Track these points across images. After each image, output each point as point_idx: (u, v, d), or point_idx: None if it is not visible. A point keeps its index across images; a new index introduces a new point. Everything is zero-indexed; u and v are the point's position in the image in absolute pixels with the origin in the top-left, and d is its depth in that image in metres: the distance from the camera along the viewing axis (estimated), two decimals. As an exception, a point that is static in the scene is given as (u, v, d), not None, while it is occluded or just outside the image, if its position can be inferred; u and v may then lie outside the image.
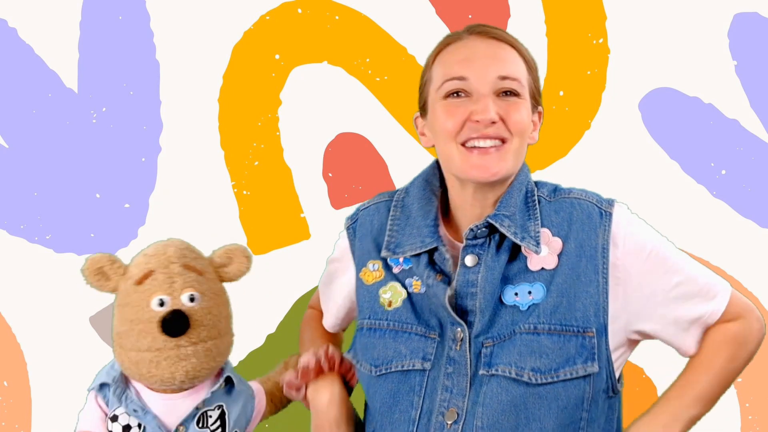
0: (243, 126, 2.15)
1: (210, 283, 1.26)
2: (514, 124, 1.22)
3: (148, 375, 1.22)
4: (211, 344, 1.23)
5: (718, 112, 2.11)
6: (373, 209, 1.36)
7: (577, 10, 2.13)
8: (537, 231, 1.23)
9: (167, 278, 1.22)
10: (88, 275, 1.25)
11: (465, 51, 1.25)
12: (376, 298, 1.29)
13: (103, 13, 2.11)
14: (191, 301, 1.22)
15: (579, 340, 1.20)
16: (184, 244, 1.29)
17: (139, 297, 1.22)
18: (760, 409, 2.10)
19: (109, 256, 1.26)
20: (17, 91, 2.10)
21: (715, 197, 2.11)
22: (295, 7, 2.14)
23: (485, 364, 1.20)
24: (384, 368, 1.26)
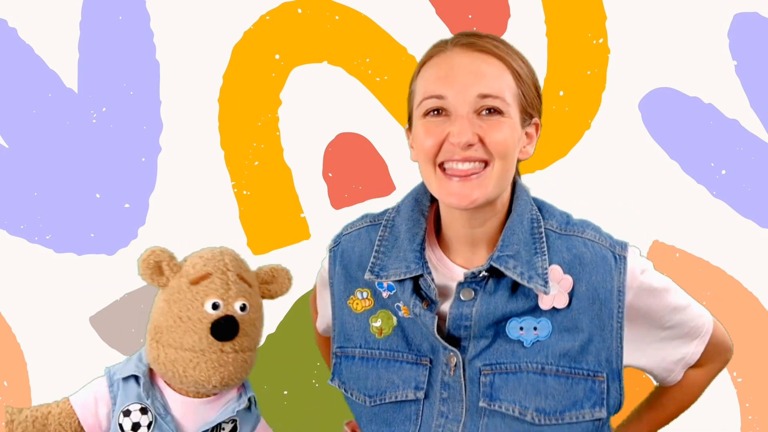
0: (243, 126, 2.15)
1: (256, 297, 1.29)
2: (493, 146, 1.14)
3: (183, 375, 1.22)
4: (248, 356, 1.26)
5: (718, 112, 2.11)
6: (355, 235, 1.32)
7: (577, 10, 2.13)
8: (545, 268, 1.17)
9: (224, 284, 1.24)
10: (144, 267, 1.25)
11: (446, 66, 1.18)
12: (367, 327, 1.27)
13: (103, 13, 2.11)
14: (242, 310, 1.24)
15: (588, 384, 1.17)
16: (236, 254, 1.31)
17: (193, 296, 1.23)
18: (760, 409, 2.10)
19: (169, 253, 1.27)
20: (17, 91, 2.10)
21: (715, 197, 2.11)
22: (295, 7, 2.14)
23: (486, 395, 1.18)
24: (378, 399, 1.25)
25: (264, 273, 1.33)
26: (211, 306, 1.22)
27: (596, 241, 1.21)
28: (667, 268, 2.11)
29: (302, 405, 2.09)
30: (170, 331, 1.23)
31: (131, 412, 1.24)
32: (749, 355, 2.10)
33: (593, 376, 1.17)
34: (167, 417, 1.23)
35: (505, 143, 1.15)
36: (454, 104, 1.15)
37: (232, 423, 1.27)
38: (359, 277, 1.28)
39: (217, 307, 1.22)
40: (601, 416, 1.18)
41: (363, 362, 1.27)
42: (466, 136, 1.13)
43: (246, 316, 1.25)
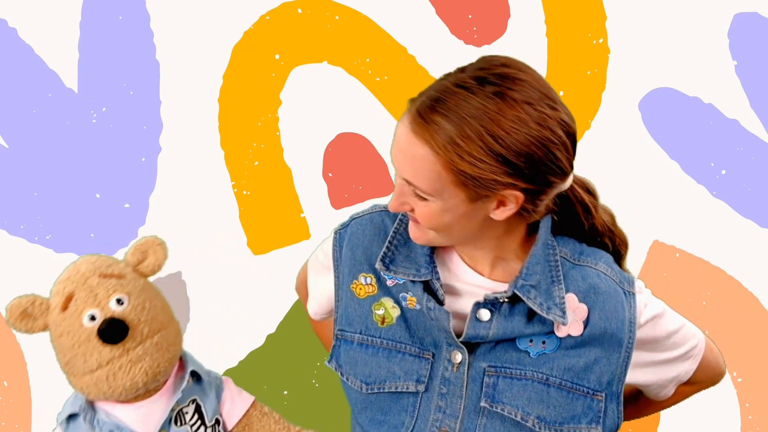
0: (243, 126, 2.15)
1: (133, 283, 1.25)
2: (418, 216, 1.14)
3: (110, 390, 1.21)
4: (158, 338, 1.22)
5: (718, 112, 2.11)
6: (367, 220, 1.31)
7: (577, 10, 2.13)
8: (562, 297, 1.18)
9: (89, 293, 1.22)
10: (14, 323, 1.24)
11: (396, 136, 1.13)
12: (369, 313, 1.26)
13: (103, 13, 2.11)
14: (120, 304, 1.21)
15: (587, 401, 1.20)
16: (94, 257, 1.28)
17: (70, 321, 1.21)
18: (760, 409, 2.10)
19: (28, 297, 1.25)
20: (17, 91, 2.10)
21: (715, 197, 2.11)
22: (295, 7, 2.14)
23: (488, 396, 1.19)
24: (376, 387, 1.24)
25: (131, 255, 1.29)
26: (89, 318, 1.20)
27: (608, 275, 1.24)
28: (667, 268, 2.12)
29: (302, 405, 2.09)
30: (74, 361, 1.21)
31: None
32: (749, 355, 2.10)
33: (592, 394, 1.20)
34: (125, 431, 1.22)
35: (427, 217, 1.13)
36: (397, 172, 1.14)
37: (192, 404, 1.26)
38: (364, 262, 1.27)
39: (95, 317, 1.20)
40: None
41: (362, 348, 1.26)
42: (393, 204, 1.16)
43: (128, 308, 1.21)
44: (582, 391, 1.20)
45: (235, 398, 1.32)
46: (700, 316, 2.11)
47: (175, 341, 1.26)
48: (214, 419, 1.27)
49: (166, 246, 1.31)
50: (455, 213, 1.11)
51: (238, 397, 1.32)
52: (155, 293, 1.28)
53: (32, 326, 1.24)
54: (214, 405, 1.28)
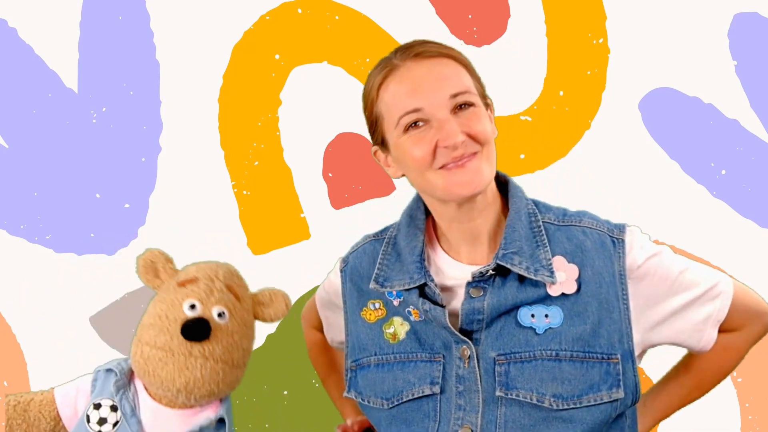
0: (243, 126, 2.15)
1: (243, 312, 1.28)
2: (479, 135, 1.20)
3: (153, 373, 1.23)
4: (220, 367, 1.24)
5: (718, 112, 2.11)
6: (361, 252, 1.37)
7: (577, 10, 2.13)
8: (548, 259, 1.22)
9: (207, 288, 1.25)
10: (141, 266, 1.28)
11: (408, 82, 1.23)
12: (380, 334, 1.30)
13: (103, 13, 2.11)
14: (220, 317, 1.24)
15: (604, 367, 1.20)
16: (236, 270, 1.33)
17: (176, 296, 1.25)
18: (760, 409, 2.10)
19: (166, 256, 1.30)
20: (17, 91, 2.10)
21: (715, 197, 2.11)
22: (295, 7, 2.14)
23: (502, 384, 1.20)
24: (396, 399, 1.26)
25: (262, 295, 1.33)
26: (189, 306, 1.23)
27: (594, 227, 1.26)
28: (667, 268, 2.12)
29: (302, 405, 2.09)
30: (149, 328, 1.24)
31: (101, 406, 1.25)
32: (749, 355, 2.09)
33: (607, 358, 1.20)
34: (132, 419, 1.24)
35: (485, 130, 1.21)
36: (432, 112, 1.20)
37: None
38: (370, 290, 1.32)
39: (195, 308, 1.23)
40: (618, 396, 1.20)
41: (378, 368, 1.29)
42: (457, 136, 1.18)
43: (223, 324, 1.24)
44: (596, 358, 1.19)
45: None
46: (700, 316, 2.11)
47: (228, 383, 1.28)
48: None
49: (290, 306, 1.35)
50: (488, 123, 1.23)
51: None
52: (251, 336, 1.31)
53: (151, 279, 1.29)
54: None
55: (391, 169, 1.30)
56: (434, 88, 1.21)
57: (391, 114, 1.24)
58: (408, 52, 1.26)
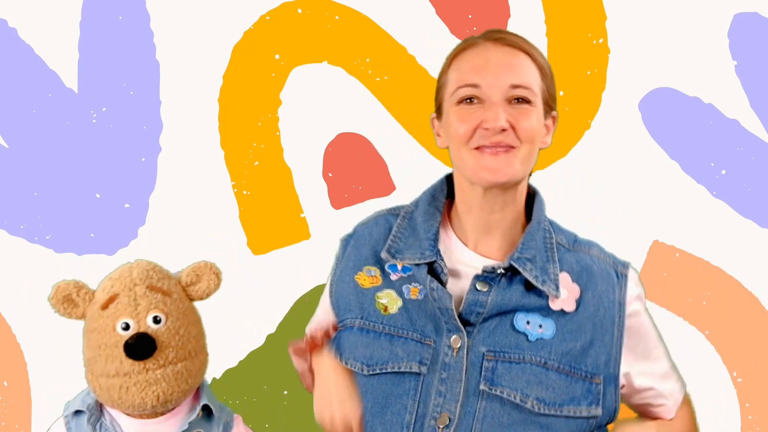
0: (243, 126, 2.15)
1: (177, 304, 1.23)
2: (523, 131, 1.23)
3: (119, 401, 1.20)
4: (181, 366, 1.21)
5: (718, 112, 2.11)
6: (372, 223, 1.38)
7: (577, 10, 2.13)
8: (556, 274, 1.26)
9: (131, 301, 1.21)
10: (56, 304, 1.24)
11: (479, 58, 1.27)
12: (372, 301, 1.30)
13: (103, 13, 2.11)
14: (156, 323, 1.20)
15: (586, 385, 1.23)
16: (150, 265, 1.27)
17: (105, 322, 1.21)
18: (760, 409, 2.10)
19: (76, 283, 1.25)
20: (17, 91, 2.10)
21: (715, 197, 2.11)
22: (295, 7, 2.14)
23: (487, 379, 1.21)
24: (378, 368, 1.26)
25: (186, 275, 1.28)
26: (123, 327, 1.19)
27: (601, 258, 1.32)
28: (667, 268, 2.12)
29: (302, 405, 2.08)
30: (96, 361, 1.21)
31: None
32: (749, 355, 2.10)
33: (591, 378, 1.24)
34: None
35: (532, 130, 1.24)
36: (488, 93, 1.24)
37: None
38: (370, 257, 1.33)
39: (129, 327, 1.19)
40: (596, 414, 1.24)
41: (363, 333, 1.29)
42: (500, 121, 1.22)
43: (163, 327, 1.20)
44: (580, 375, 1.23)
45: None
46: (700, 316, 2.11)
47: (196, 374, 1.25)
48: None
49: (221, 276, 1.29)
50: (540, 125, 1.26)
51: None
52: (195, 320, 1.27)
53: (72, 312, 1.25)
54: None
55: (440, 138, 1.33)
56: (499, 72, 1.24)
57: (453, 82, 1.28)
58: (491, 35, 1.30)
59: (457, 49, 1.32)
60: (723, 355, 2.10)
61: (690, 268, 2.12)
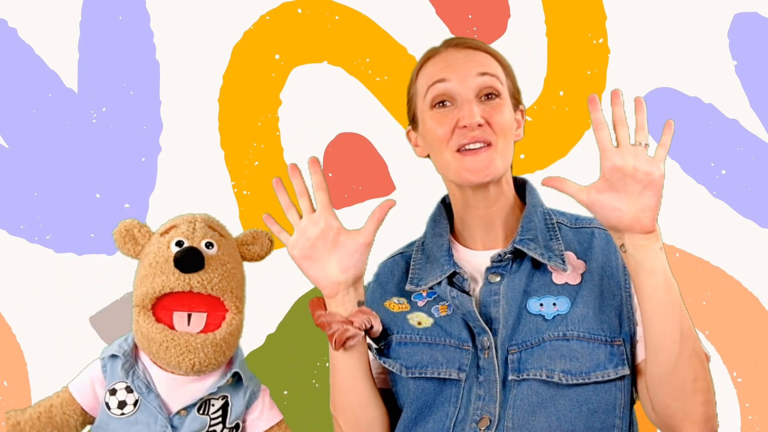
0: (243, 126, 2.15)
1: (229, 247, 1.30)
2: (497, 126, 1.27)
3: (156, 355, 1.24)
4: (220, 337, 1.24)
5: (718, 112, 2.11)
6: (391, 262, 1.43)
7: (577, 10, 2.13)
8: (561, 250, 1.29)
9: (189, 227, 1.28)
10: (118, 238, 1.29)
11: (443, 61, 1.33)
12: (405, 320, 1.33)
13: (103, 13, 2.11)
14: (208, 248, 1.26)
15: (608, 348, 1.23)
16: (213, 217, 1.35)
17: (160, 242, 1.26)
18: (760, 409, 2.10)
19: (139, 222, 1.31)
20: (17, 91, 2.10)
21: (715, 197, 2.11)
22: (295, 7, 2.14)
23: (514, 370, 1.23)
24: (419, 371, 1.27)
25: (244, 236, 1.36)
26: (176, 244, 1.25)
27: (603, 228, 1.31)
28: (667, 268, 2.12)
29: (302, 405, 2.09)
30: (143, 280, 1.25)
31: (117, 391, 1.26)
32: (749, 355, 2.10)
33: (611, 341, 1.24)
34: (150, 395, 1.24)
35: (506, 123, 1.29)
36: (458, 89, 1.28)
37: (222, 399, 1.27)
38: (395, 292, 1.37)
39: (182, 244, 1.25)
40: (624, 374, 1.23)
41: (401, 345, 1.31)
42: (475, 117, 1.25)
43: (213, 253, 1.25)
44: (600, 340, 1.23)
45: (265, 411, 1.33)
46: (700, 316, 2.11)
47: (233, 345, 1.28)
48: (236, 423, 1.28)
49: (273, 244, 1.38)
50: (511, 118, 1.30)
51: (268, 411, 1.33)
52: (242, 272, 1.32)
53: (131, 248, 1.30)
54: (241, 409, 1.29)
55: (418, 148, 1.38)
56: (464, 67, 1.29)
57: (422, 87, 1.33)
58: (450, 42, 1.37)
59: (420, 61, 1.37)
60: (723, 355, 2.10)
61: (690, 268, 2.12)
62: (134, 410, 1.24)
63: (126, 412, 1.25)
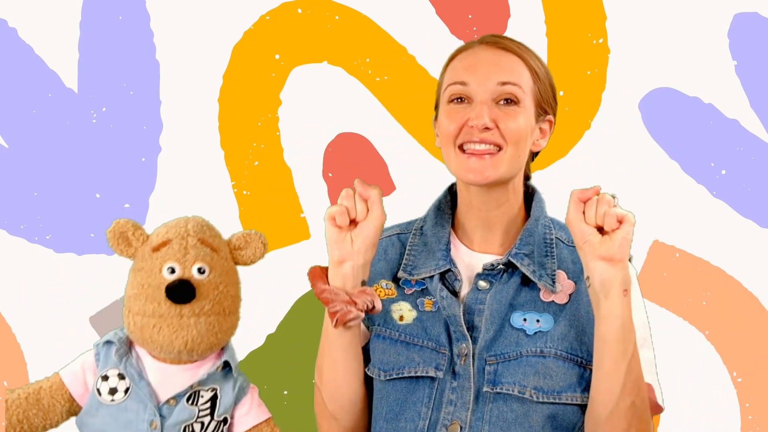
0: (243, 126, 2.15)
1: (222, 261, 1.28)
2: (507, 131, 1.25)
3: (150, 340, 1.24)
4: (214, 319, 1.25)
5: (718, 112, 2.11)
6: (386, 241, 1.40)
7: (577, 10, 2.13)
8: (553, 270, 1.29)
9: (182, 248, 1.26)
10: (111, 238, 1.28)
11: (471, 59, 1.31)
12: (389, 311, 1.32)
13: (103, 13, 2.11)
14: (200, 273, 1.25)
15: (580, 371, 1.25)
16: (205, 222, 1.32)
17: (153, 263, 1.25)
18: (760, 409, 2.10)
19: (134, 223, 1.30)
20: (17, 91, 2.10)
21: (715, 197, 2.11)
22: (295, 7, 2.14)
23: (489, 382, 1.23)
24: (395, 373, 1.28)
25: (236, 239, 1.33)
26: (169, 270, 1.24)
27: None
28: (667, 268, 2.12)
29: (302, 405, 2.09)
30: (136, 298, 1.25)
31: (109, 377, 1.27)
32: (749, 355, 2.10)
33: (585, 365, 1.24)
34: (141, 382, 1.25)
35: (518, 131, 1.26)
36: (476, 91, 1.27)
37: (211, 391, 1.28)
38: (386, 272, 1.36)
39: (174, 271, 1.24)
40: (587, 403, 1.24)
41: (379, 339, 1.31)
42: (483, 119, 1.24)
43: (205, 279, 1.25)
44: (576, 361, 1.24)
45: (253, 408, 1.34)
46: (700, 316, 2.11)
47: (226, 331, 1.29)
48: (224, 417, 1.29)
49: (267, 247, 1.34)
50: (527, 127, 1.28)
51: (257, 408, 1.34)
52: (235, 281, 1.31)
53: (124, 249, 1.29)
54: (230, 403, 1.30)
55: (438, 139, 1.35)
56: (487, 71, 1.27)
57: (446, 82, 1.32)
58: (486, 38, 1.33)
59: (454, 53, 1.35)
60: (723, 355, 2.10)
61: (690, 268, 2.12)
62: (124, 397, 1.26)
63: (116, 399, 1.26)
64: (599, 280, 1.16)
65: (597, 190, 1.20)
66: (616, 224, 1.16)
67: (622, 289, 1.16)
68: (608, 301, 1.16)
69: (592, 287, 1.18)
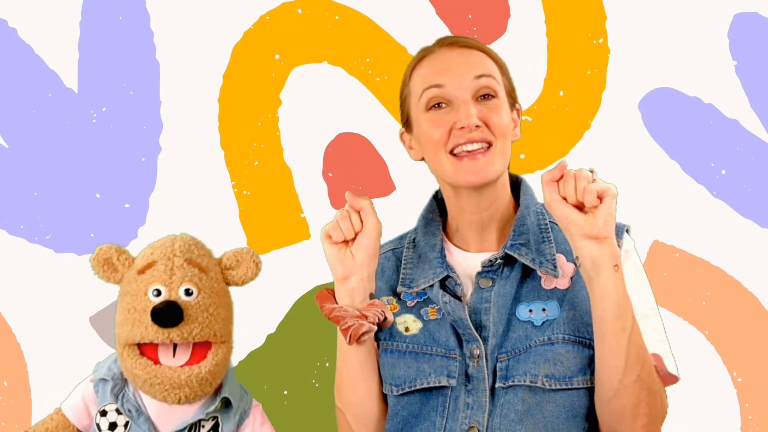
0: (243, 126, 2.15)
1: (212, 282, 1.24)
2: (495, 127, 1.25)
3: (142, 389, 1.21)
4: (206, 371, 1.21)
5: (718, 112, 2.11)
6: (382, 258, 1.37)
7: (577, 10, 2.13)
8: (553, 254, 1.27)
9: (167, 269, 1.21)
10: (96, 266, 1.26)
11: (439, 62, 1.30)
12: (394, 324, 1.30)
13: (103, 13, 2.11)
14: (188, 295, 1.20)
15: (589, 353, 1.23)
16: (194, 240, 1.28)
17: (138, 286, 1.21)
18: (760, 409, 2.10)
19: (117, 247, 1.26)
20: (17, 91, 2.10)
21: (715, 197, 2.11)
22: (295, 7, 2.14)
23: (501, 378, 1.22)
24: (407, 386, 1.27)
25: (227, 258, 1.28)
26: (154, 293, 1.19)
27: None
28: (667, 268, 2.12)
29: (302, 405, 2.09)
30: (122, 326, 1.21)
31: (107, 413, 1.23)
32: (749, 355, 2.10)
33: (591, 345, 1.22)
34: (140, 419, 1.22)
35: (504, 124, 1.27)
36: (455, 92, 1.26)
37: (212, 420, 1.25)
38: (386, 290, 1.35)
39: (160, 293, 1.19)
40: None
41: (388, 354, 1.30)
42: (473, 118, 1.23)
43: (193, 301, 1.20)
44: (584, 343, 1.22)
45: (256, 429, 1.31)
46: (700, 316, 2.11)
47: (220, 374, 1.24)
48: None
49: (261, 266, 1.29)
50: (508, 118, 1.28)
51: (259, 428, 1.31)
52: (227, 303, 1.26)
53: (110, 275, 1.26)
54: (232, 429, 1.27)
55: (413, 151, 1.35)
56: (460, 70, 1.27)
57: (417, 90, 1.29)
58: (444, 41, 1.33)
59: (414, 60, 1.33)
60: (723, 355, 2.10)
61: (690, 268, 2.12)
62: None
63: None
64: (588, 258, 1.16)
65: (563, 165, 1.19)
66: (597, 201, 1.15)
67: (612, 265, 1.15)
68: (600, 278, 1.16)
69: (583, 266, 1.17)
